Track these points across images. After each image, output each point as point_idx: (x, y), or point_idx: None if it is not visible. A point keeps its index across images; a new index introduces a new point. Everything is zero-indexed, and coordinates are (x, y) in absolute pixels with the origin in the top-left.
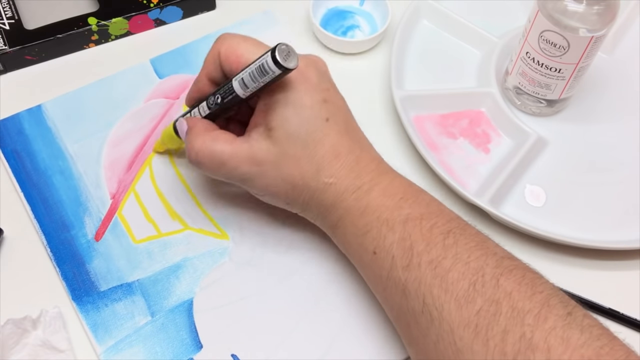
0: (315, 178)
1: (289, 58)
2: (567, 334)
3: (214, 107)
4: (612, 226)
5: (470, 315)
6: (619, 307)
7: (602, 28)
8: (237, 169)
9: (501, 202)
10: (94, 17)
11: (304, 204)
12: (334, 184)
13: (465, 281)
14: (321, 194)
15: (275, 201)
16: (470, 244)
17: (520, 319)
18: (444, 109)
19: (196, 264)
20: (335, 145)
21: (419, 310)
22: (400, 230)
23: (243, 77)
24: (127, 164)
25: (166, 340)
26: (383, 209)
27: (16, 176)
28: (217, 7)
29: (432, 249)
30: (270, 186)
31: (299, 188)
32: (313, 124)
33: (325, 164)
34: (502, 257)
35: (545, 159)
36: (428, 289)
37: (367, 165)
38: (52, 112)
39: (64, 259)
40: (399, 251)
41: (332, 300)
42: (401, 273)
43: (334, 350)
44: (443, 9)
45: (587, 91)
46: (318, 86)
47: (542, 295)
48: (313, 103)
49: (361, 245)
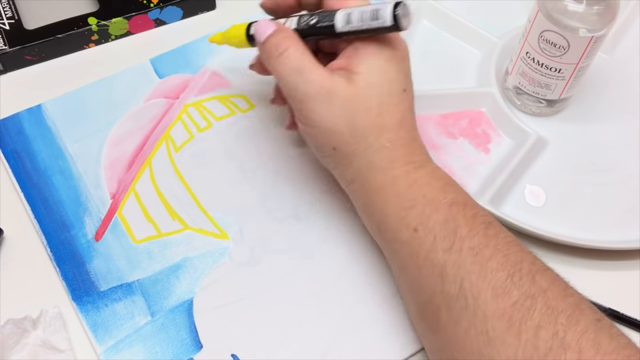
0: (375, 134)
1: (405, 18)
2: (599, 338)
3: (305, 27)
4: (612, 226)
5: (506, 306)
6: (619, 307)
7: (602, 28)
8: (311, 83)
9: (501, 202)
10: (94, 17)
11: (352, 155)
12: (389, 148)
13: (504, 272)
14: (374, 153)
15: (323, 139)
16: (509, 238)
17: (554, 317)
18: (444, 109)
19: (196, 264)
20: (404, 116)
21: (455, 294)
22: (445, 212)
23: (351, 11)
24: (127, 164)
25: (166, 340)
26: (429, 188)
27: (16, 176)
28: (217, 7)
29: (475, 236)
30: (328, 120)
31: (357, 136)
32: (394, 87)
33: (390, 127)
34: (535, 257)
35: (545, 159)
36: (467, 274)
37: (420, 147)
38: (52, 112)
39: (64, 259)
40: (442, 232)
41: (333, 300)
42: (441, 255)
43: (334, 351)
44: (443, 9)
45: (587, 91)
46: (405, 60)
47: (573, 298)
48: (399, 71)
49: (403, 219)
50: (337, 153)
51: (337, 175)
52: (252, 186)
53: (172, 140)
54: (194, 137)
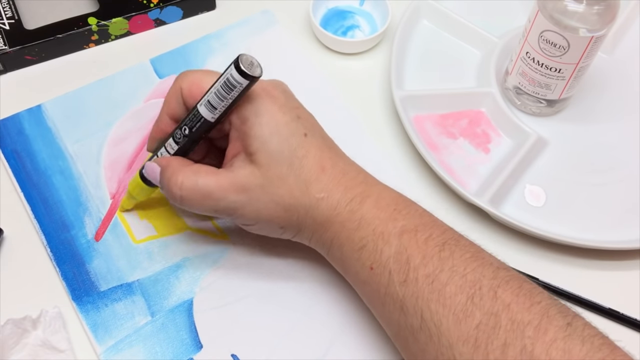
0: (306, 194)
1: (253, 67)
2: (569, 345)
3: (183, 140)
4: (612, 226)
5: (470, 329)
6: (619, 307)
7: (602, 28)
8: (225, 198)
9: (501, 202)
10: (94, 17)
11: (299, 224)
12: (325, 198)
13: (463, 295)
14: (314, 210)
15: (268, 229)
16: (466, 255)
17: (520, 332)
18: (444, 109)
19: (196, 264)
20: (319, 159)
21: (417, 326)
22: (396, 244)
23: (209, 98)
24: (127, 164)
25: (166, 340)
26: (378, 222)
27: (16, 176)
28: (217, 7)
29: (429, 262)
30: (261, 211)
31: (292, 208)
32: (293, 141)
33: (313, 179)
34: (497, 268)
35: (545, 159)
36: (426, 304)
37: (355, 177)
38: (52, 112)
39: (64, 259)
40: (396, 265)
41: (332, 300)
42: (398, 288)
43: (333, 351)
44: (443, 9)
45: (587, 91)
46: (287, 104)
47: (540, 305)
48: (288, 120)
49: (358, 260)
50: (287, 229)
51: (297, 240)
52: None
53: None
54: None
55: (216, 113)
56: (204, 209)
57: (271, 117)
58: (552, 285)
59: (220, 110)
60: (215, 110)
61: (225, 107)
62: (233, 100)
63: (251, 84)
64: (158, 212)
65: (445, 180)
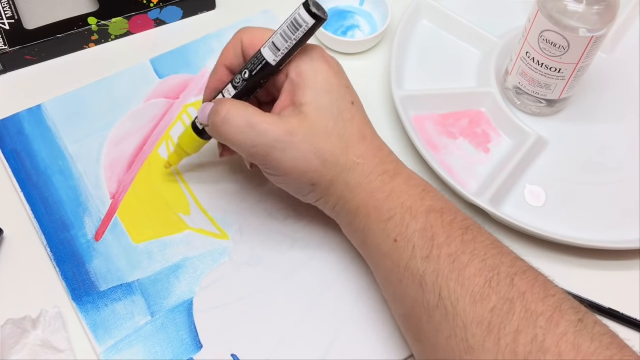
0: (345, 155)
1: (319, 10)
2: (579, 341)
3: (242, 84)
4: (612, 226)
5: (485, 312)
6: (619, 307)
7: (602, 28)
8: (268, 134)
9: (501, 202)
10: (94, 17)
11: (330, 185)
12: (361, 164)
13: (482, 278)
14: (349, 173)
15: (297, 184)
16: (487, 242)
17: (533, 321)
18: (444, 109)
19: (196, 264)
20: (362, 127)
21: (435, 303)
22: (423, 220)
23: (273, 40)
24: (127, 164)
25: (166, 340)
26: (407, 196)
27: (16, 176)
28: (217, 7)
29: (452, 242)
30: (299, 161)
31: (329, 164)
32: (342, 103)
33: (354, 142)
34: (515, 258)
35: (545, 159)
36: (445, 282)
37: (389, 155)
38: (52, 112)
39: (64, 259)
40: (421, 241)
41: (332, 300)
42: (420, 264)
43: (333, 351)
44: (443, 9)
45: (587, 91)
46: (340, 74)
47: (554, 299)
48: (340, 85)
49: (383, 231)
50: (318, 188)
51: (320, 205)
52: (252, 186)
53: (172, 140)
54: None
55: (278, 55)
56: (242, 141)
57: (326, 78)
58: None
59: (283, 52)
60: (278, 52)
61: (288, 48)
62: (297, 42)
63: (316, 26)
64: (158, 212)
65: (445, 180)
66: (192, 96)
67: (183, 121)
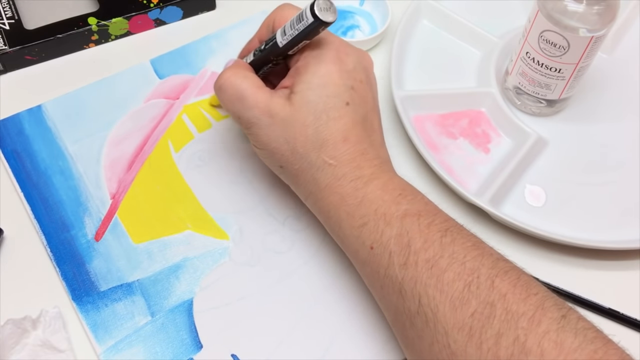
0: (316, 152)
1: (327, 12)
2: (561, 337)
3: (258, 54)
4: (612, 226)
5: (465, 317)
6: (619, 307)
7: (602, 28)
8: (251, 109)
9: (501, 202)
10: (94, 17)
11: (297, 174)
12: (333, 165)
13: (461, 282)
14: (318, 171)
15: (270, 160)
16: (467, 243)
17: (514, 322)
18: (444, 109)
19: (196, 264)
20: (347, 130)
21: (415, 311)
22: (398, 226)
23: (285, 24)
24: (127, 164)
25: (166, 340)
26: (380, 202)
27: (16, 176)
28: (217, 7)
29: (430, 247)
30: (272, 141)
31: (298, 155)
32: (333, 100)
33: (330, 143)
34: (497, 259)
35: (545, 159)
36: (424, 289)
37: (371, 160)
38: (52, 112)
39: (64, 259)
40: (397, 247)
41: (332, 300)
42: (398, 271)
43: (333, 350)
44: (443, 9)
45: (587, 91)
46: (351, 73)
47: (536, 297)
48: (339, 84)
49: (358, 238)
50: (285, 171)
51: (294, 190)
52: (252, 186)
53: (172, 140)
54: (194, 138)
55: (284, 39)
56: (230, 109)
57: (327, 73)
58: (552, 285)
59: (288, 38)
60: (284, 36)
61: (291, 36)
62: (298, 33)
63: (316, 25)
64: (158, 212)
65: (445, 180)
66: (192, 96)
67: (183, 121)
